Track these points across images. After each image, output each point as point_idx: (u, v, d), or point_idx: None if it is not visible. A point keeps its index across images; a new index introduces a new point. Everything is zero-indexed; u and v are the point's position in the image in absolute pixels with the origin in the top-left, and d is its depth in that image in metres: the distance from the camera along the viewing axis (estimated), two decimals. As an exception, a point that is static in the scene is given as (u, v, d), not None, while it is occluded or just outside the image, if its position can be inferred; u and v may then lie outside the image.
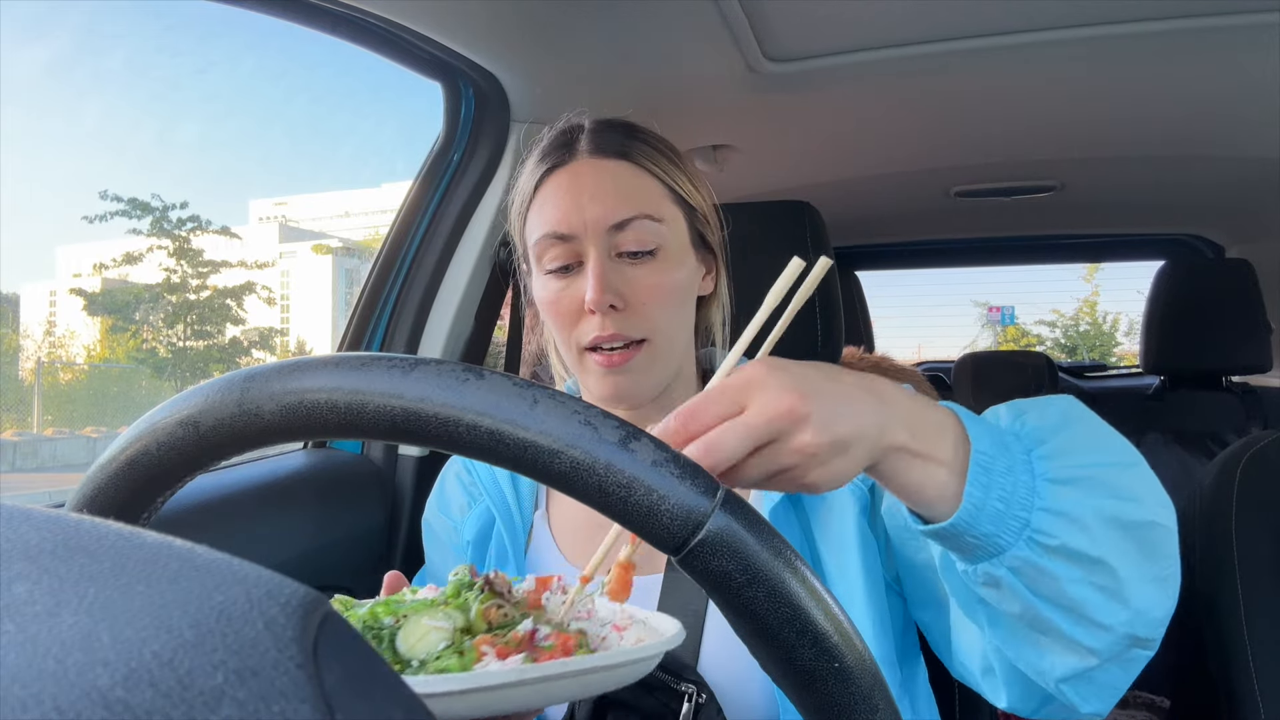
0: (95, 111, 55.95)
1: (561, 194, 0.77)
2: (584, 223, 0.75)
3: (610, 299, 0.74)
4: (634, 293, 0.75)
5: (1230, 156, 1.64)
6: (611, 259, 0.75)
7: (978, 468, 0.50)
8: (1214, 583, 1.02)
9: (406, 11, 1.00)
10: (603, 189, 0.76)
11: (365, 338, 1.27)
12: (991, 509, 0.50)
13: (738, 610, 0.34)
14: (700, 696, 0.68)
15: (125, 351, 13.66)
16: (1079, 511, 0.51)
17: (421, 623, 0.46)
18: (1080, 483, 0.52)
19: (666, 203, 0.78)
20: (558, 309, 0.77)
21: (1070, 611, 0.52)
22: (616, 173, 0.77)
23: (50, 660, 0.16)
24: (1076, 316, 14.01)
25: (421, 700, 0.19)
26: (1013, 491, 0.51)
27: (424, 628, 0.45)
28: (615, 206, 0.75)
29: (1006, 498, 0.51)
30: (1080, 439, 0.55)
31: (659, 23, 1.10)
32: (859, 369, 1.42)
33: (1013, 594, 0.52)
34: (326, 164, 63.26)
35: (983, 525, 0.50)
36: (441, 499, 0.90)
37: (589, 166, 0.77)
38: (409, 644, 0.45)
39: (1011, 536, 0.51)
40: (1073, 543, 0.51)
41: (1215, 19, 1.08)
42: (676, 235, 0.78)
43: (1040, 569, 0.51)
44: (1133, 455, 0.57)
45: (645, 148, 0.79)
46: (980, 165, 1.77)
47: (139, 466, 0.38)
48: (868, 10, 1.11)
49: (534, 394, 0.34)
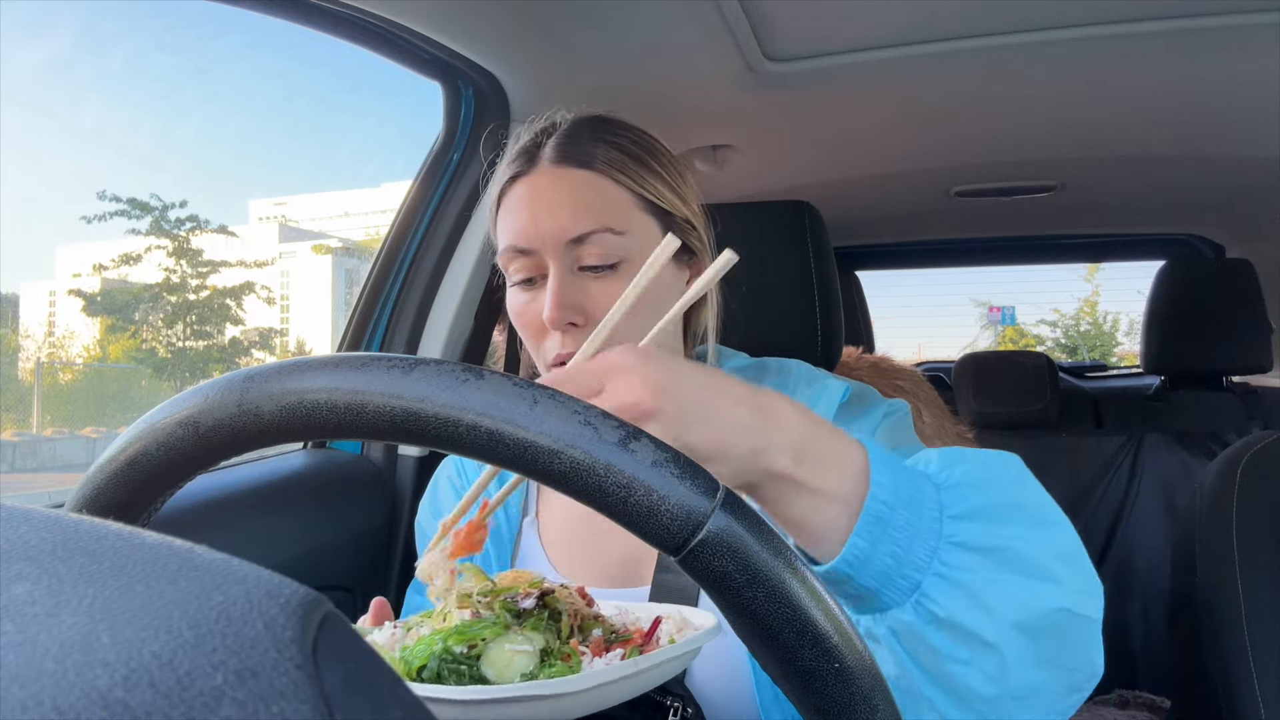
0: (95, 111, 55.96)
1: (521, 206, 0.74)
2: (541, 236, 0.72)
3: (569, 315, 0.71)
4: (595, 308, 0.71)
5: (1230, 156, 1.64)
6: (573, 273, 0.72)
7: (870, 517, 0.45)
8: (1214, 583, 1.02)
9: (406, 11, 1.00)
10: (560, 201, 0.72)
11: (365, 338, 1.27)
12: (879, 563, 0.45)
13: (738, 611, 0.34)
14: (686, 710, 0.66)
15: (125, 351, 13.65)
16: (981, 585, 0.45)
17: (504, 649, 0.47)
18: (992, 553, 0.46)
19: (634, 211, 0.74)
20: (522, 321, 0.75)
21: (949, 692, 0.46)
22: (576, 183, 0.73)
23: (50, 661, 0.16)
24: (1077, 316, 14.03)
25: (422, 701, 0.19)
26: (909, 549, 0.45)
27: (508, 653, 0.47)
28: (572, 220, 0.71)
29: (900, 555, 0.45)
30: (1007, 506, 0.48)
31: (659, 23, 1.10)
32: (859, 369, 1.42)
33: (890, 655, 0.47)
34: (326, 164, 63.19)
35: (865, 579, 0.45)
36: (434, 502, 0.88)
37: (549, 177, 0.74)
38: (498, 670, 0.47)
39: (898, 596, 0.45)
40: (964, 618, 0.45)
41: (1215, 19, 1.08)
42: (644, 245, 0.73)
43: (921, 638, 0.45)
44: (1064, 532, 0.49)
45: (613, 153, 0.75)
46: (980, 165, 1.77)
47: (138, 467, 0.38)
48: (868, 10, 1.11)
49: (534, 394, 0.34)
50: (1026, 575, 0.46)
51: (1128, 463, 1.88)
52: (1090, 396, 2.07)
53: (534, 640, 0.48)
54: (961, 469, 0.49)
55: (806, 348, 1.05)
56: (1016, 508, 0.48)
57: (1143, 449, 1.88)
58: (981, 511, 0.47)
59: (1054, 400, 1.97)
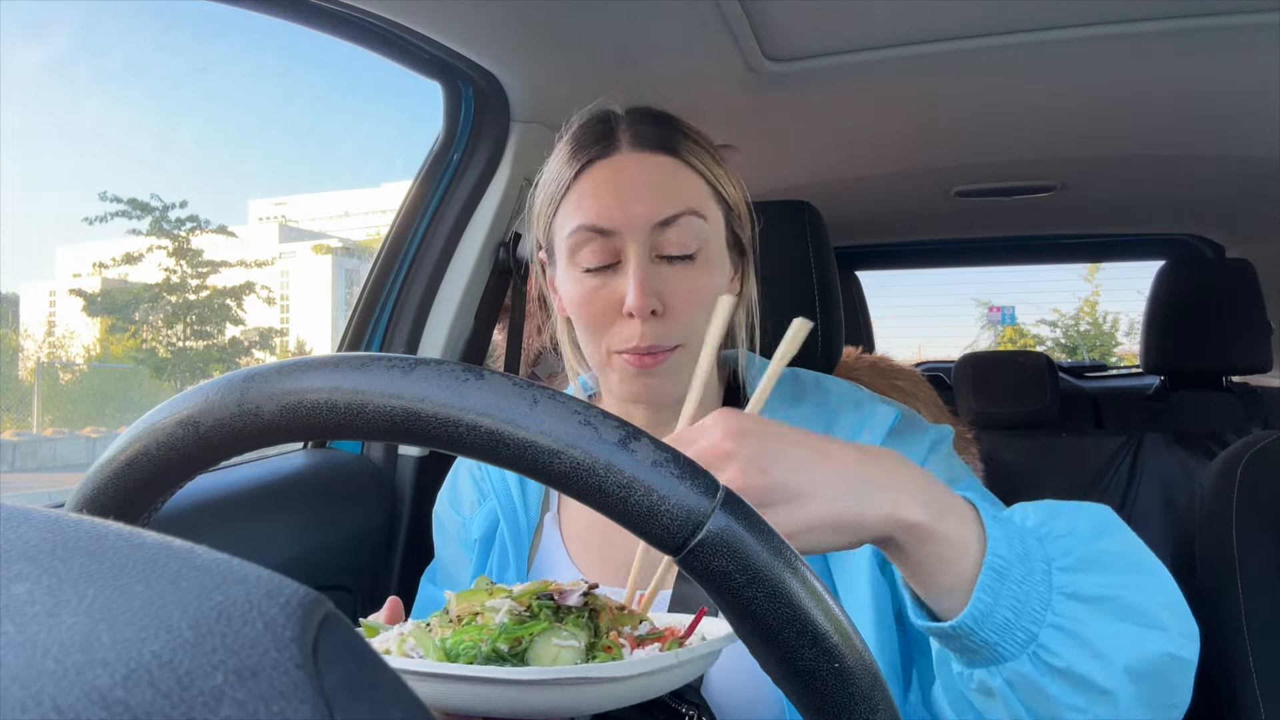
0: (95, 111, 55.94)
1: (603, 187, 0.72)
2: (627, 219, 0.71)
3: (652, 303, 0.70)
4: (673, 296, 0.71)
5: (1230, 156, 1.64)
6: (651, 260, 0.72)
7: (991, 571, 0.47)
8: (1214, 583, 1.02)
9: (406, 11, 1.00)
10: (648, 185, 0.72)
11: (365, 338, 1.27)
12: (1000, 617, 0.46)
13: (738, 611, 0.34)
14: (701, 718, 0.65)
15: (125, 351, 13.66)
16: (1094, 635, 0.47)
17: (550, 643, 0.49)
18: (1102, 603, 0.48)
19: (710, 201, 0.75)
20: (590, 308, 0.73)
21: None
22: (662, 168, 0.73)
23: (50, 660, 0.16)
24: (1077, 316, 14.03)
25: (421, 701, 0.19)
26: (1025, 602, 0.47)
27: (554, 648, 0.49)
28: (661, 203, 0.71)
29: (1018, 607, 0.47)
30: (1110, 555, 0.50)
31: (659, 23, 1.10)
32: (859, 369, 1.41)
33: (1004, 706, 0.48)
34: (326, 164, 63.27)
35: (986, 632, 0.47)
36: (453, 493, 0.88)
37: (634, 161, 0.73)
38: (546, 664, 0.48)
39: (1015, 649, 0.47)
40: (1081, 667, 0.46)
41: (1215, 19, 1.08)
42: (716, 235, 0.75)
43: (1039, 688, 0.47)
44: (1165, 579, 0.51)
45: (689, 142, 0.75)
46: (980, 165, 1.77)
47: (138, 467, 0.38)
48: (868, 10, 1.11)
49: (534, 394, 0.34)
50: (1136, 623, 0.48)
51: (1127, 463, 1.88)
52: (1090, 396, 2.07)
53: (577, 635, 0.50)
54: (1060, 522, 0.51)
55: (806, 347, 1.05)
56: (1119, 557, 0.50)
57: (1142, 449, 1.88)
58: (1088, 562, 0.49)
59: (1054, 400, 1.97)
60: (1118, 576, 0.49)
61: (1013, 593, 0.47)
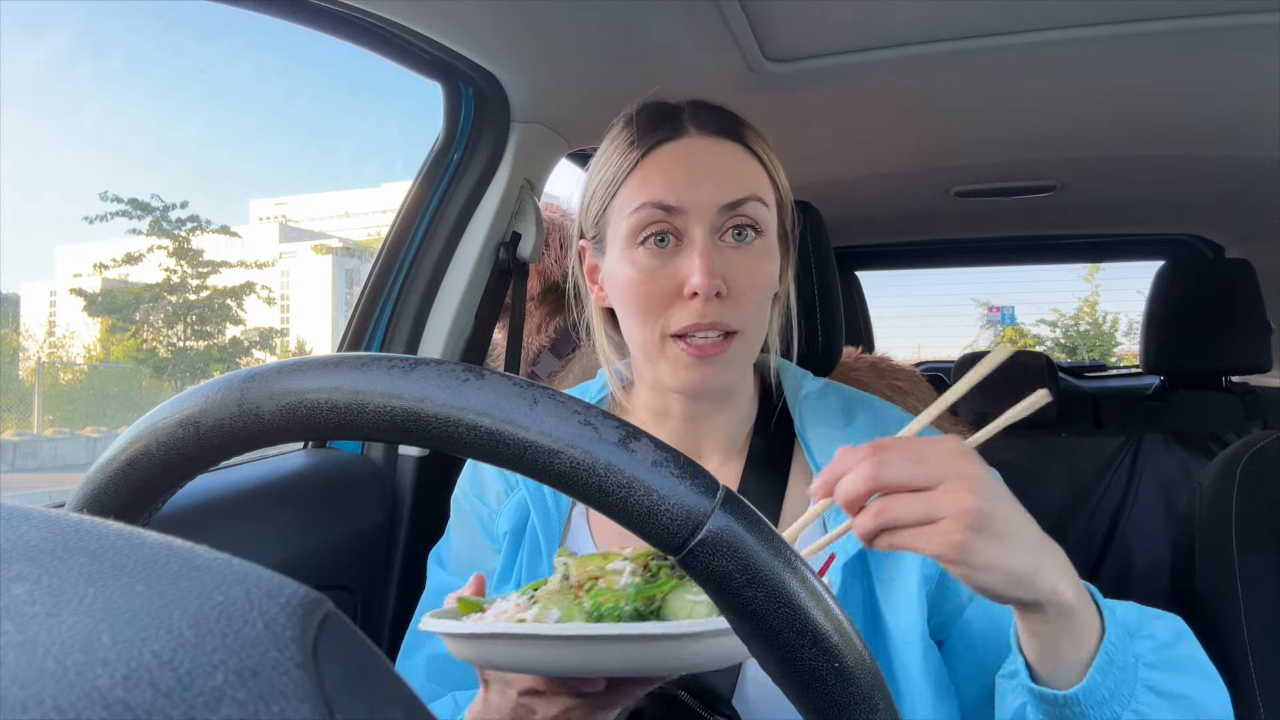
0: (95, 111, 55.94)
1: (673, 166, 0.73)
2: (695, 199, 0.71)
3: (717, 284, 0.69)
4: (737, 279, 0.71)
5: (1230, 156, 1.64)
6: (715, 242, 0.72)
7: (1105, 655, 0.53)
8: (1213, 582, 1.02)
9: (406, 11, 1.00)
10: (718, 167, 0.73)
11: (365, 338, 1.27)
12: (1099, 695, 0.53)
13: (737, 610, 0.34)
14: None
15: (125, 351, 13.65)
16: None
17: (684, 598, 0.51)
18: (1176, 700, 0.55)
19: (769, 190, 0.76)
20: (648, 289, 0.71)
21: None
22: (730, 152, 0.75)
23: (50, 660, 0.16)
24: (1077, 316, 14.02)
25: (421, 701, 0.19)
26: (1119, 685, 0.54)
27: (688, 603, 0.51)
28: (729, 186, 0.72)
29: (1113, 690, 0.53)
30: (1186, 660, 0.58)
31: (659, 23, 1.10)
32: (858, 369, 1.41)
33: None
34: (326, 164, 63.26)
35: (1086, 707, 0.53)
36: (476, 482, 0.86)
37: (703, 144, 0.74)
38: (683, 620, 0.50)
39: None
40: None
41: (1215, 19, 1.08)
42: (773, 225, 0.76)
43: None
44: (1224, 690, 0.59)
45: (751, 132, 0.77)
46: (980, 165, 1.77)
47: (139, 467, 0.38)
48: (867, 10, 1.11)
49: (534, 394, 0.34)
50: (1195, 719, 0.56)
51: (1127, 463, 1.88)
52: (1090, 396, 2.07)
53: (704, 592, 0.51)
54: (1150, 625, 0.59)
55: (807, 347, 1.05)
56: (1190, 661, 0.59)
57: (1142, 449, 1.88)
58: (1167, 662, 0.56)
59: (1053, 400, 1.96)
60: (1190, 680, 0.57)
61: (1114, 677, 0.53)
